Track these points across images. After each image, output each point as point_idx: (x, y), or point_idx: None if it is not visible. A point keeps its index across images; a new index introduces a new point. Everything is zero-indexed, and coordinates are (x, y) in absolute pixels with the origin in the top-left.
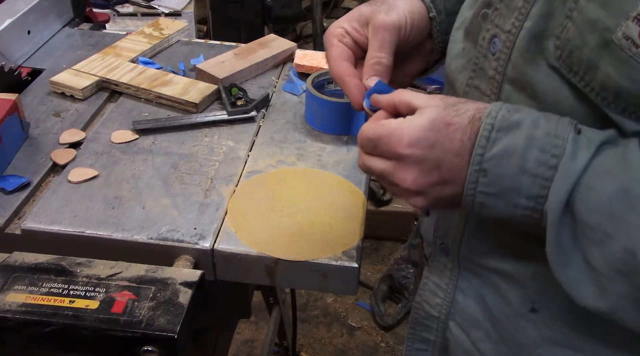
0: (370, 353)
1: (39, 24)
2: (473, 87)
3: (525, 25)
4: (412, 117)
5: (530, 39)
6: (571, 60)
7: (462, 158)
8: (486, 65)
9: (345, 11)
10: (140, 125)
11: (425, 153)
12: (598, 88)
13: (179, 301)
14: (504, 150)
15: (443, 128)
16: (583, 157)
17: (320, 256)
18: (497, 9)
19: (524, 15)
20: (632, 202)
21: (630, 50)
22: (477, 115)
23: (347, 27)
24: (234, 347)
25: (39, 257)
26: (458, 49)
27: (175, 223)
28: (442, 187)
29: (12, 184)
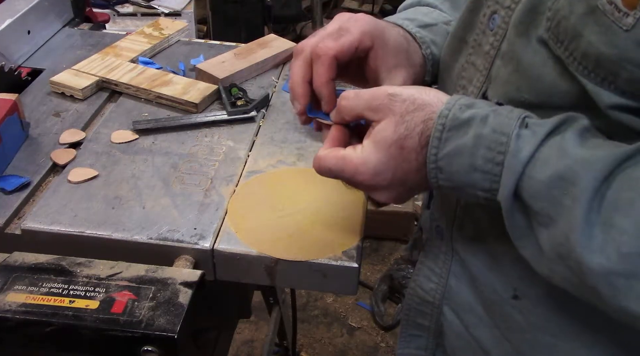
0: (370, 353)
1: (39, 24)
2: (470, 63)
3: (523, 0)
4: (365, 150)
5: (526, 12)
6: (558, 30)
7: (422, 172)
8: (484, 41)
9: (345, 11)
10: (140, 125)
11: (389, 179)
12: (580, 57)
13: (179, 301)
14: (454, 150)
15: (398, 154)
16: (526, 152)
17: (320, 256)
18: None
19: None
20: (565, 187)
21: (613, 15)
22: (426, 127)
23: None
24: (234, 347)
25: (39, 257)
26: (453, 31)
27: (175, 223)
28: (410, 192)
29: (12, 184)
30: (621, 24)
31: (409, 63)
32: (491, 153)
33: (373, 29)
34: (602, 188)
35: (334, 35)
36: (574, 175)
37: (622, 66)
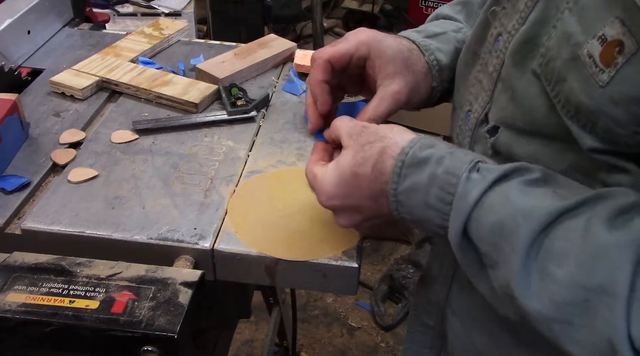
0: (370, 353)
1: (39, 24)
2: (477, 80)
3: (521, 29)
4: (327, 172)
5: (522, 43)
6: (547, 69)
7: (376, 200)
8: (489, 61)
9: (344, 11)
10: (140, 125)
11: (343, 203)
12: (564, 100)
13: (179, 301)
14: (411, 186)
15: (351, 180)
16: (473, 195)
17: (320, 256)
18: (505, 8)
19: (523, 19)
20: (506, 234)
21: (591, 68)
22: (380, 159)
23: None
24: (234, 347)
25: (39, 257)
26: (468, 42)
27: (175, 223)
28: (370, 221)
29: (12, 184)
30: (597, 79)
31: (408, 71)
32: (442, 193)
33: (371, 39)
34: (540, 238)
35: (333, 43)
36: (515, 224)
37: (599, 118)
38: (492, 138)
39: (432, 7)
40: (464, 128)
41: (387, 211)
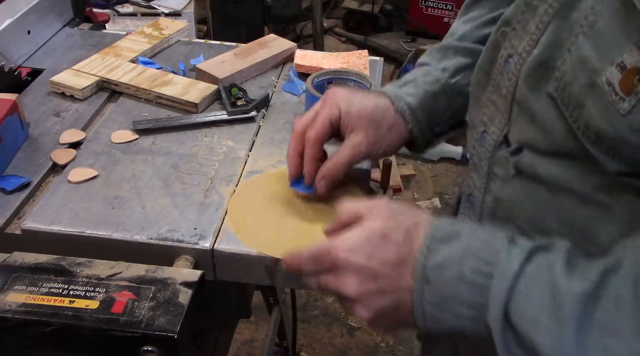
0: (370, 353)
1: (39, 24)
2: (491, 101)
3: (534, 52)
4: (351, 231)
5: (536, 66)
6: (564, 94)
7: (399, 269)
8: (501, 83)
9: (344, 11)
10: (140, 125)
11: (363, 263)
12: (583, 126)
13: (179, 301)
14: (443, 260)
15: (379, 241)
16: (515, 262)
17: None
18: (515, 29)
19: (535, 42)
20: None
21: (611, 96)
22: (413, 228)
23: None
24: (234, 347)
25: (39, 257)
26: (480, 62)
27: (175, 223)
28: (381, 297)
29: (12, 184)
30: (618, 107)
31: (371, 126)
32: (479, 263)
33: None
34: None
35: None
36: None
37: (622, 145)
38: (516, 158)
39: (432, 7)
40: (480, 149)
41: (405, 284)
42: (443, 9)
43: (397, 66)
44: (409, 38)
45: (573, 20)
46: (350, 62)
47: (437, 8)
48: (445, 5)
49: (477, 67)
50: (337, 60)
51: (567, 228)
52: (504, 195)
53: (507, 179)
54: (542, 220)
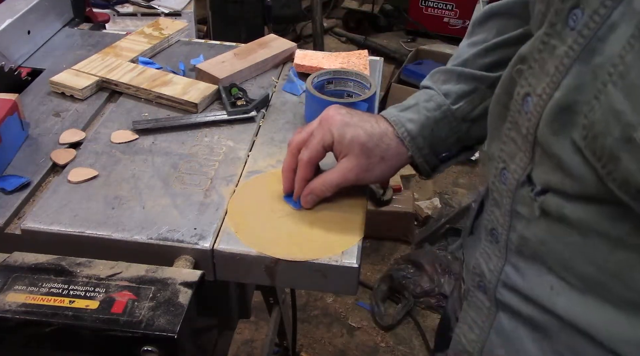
0: (370, 353)
1: (39, 24)
2: (510, 138)
3: (555, 95)
4: None
5: (559, 111)
6: (595, 145)
7: None
8: (520, 121)
9: (344, 11)
10: (140, 125)
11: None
12: (620, 180)
13: (179, 301)
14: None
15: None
16: None
17: (320, 256)
18: (532, 68)
19: (555, 84)
20: None
21: None
22: None
23: None
24: (234, 347)
25: (39, 257)
26: (497, 93)
27: (175, 223)
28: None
29: (12, 184)
30: None
31: (363, 154)
32: None
33: (337, 128)
34: None
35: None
36: None
37: None
38: (541, 199)
39: (432, 7)
40: (501, 186)
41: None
42: (443, 9)
43: (397, 66)
44: (409, 38)
45: (597, 64)
46: (350, 62)
47: (437, 8)
48: (445, 5)
49: (495, 99)
50: (337, 60)
51: (601, 272)
52: (530, 235)
53: (533, 219)
54: (573, 263)
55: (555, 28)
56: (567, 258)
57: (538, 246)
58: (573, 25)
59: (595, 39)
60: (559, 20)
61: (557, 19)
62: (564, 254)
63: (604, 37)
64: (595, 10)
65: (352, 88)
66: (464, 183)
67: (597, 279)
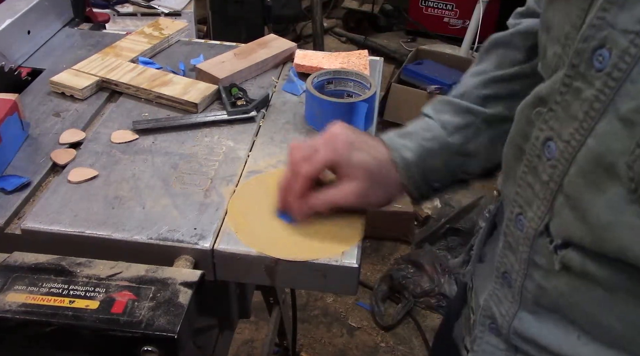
0: (370, 353)
1: (39, 24)
2: (526, 183)
3: (589, 142)
4: None
5: (596, 161)
6: None
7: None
8: (540, 168)
9: (344, 11)
10: (140, 125)
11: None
12: None
13: (179, 302)
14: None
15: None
16: None
17: (320, 256)
18: (553, 111)
19: (587, 131)
20: None
21: None
22: None
23: None
24: (234, 347)
25: (39, 257)
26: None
27: (175, 223)
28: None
29: (12, 184)
30: None
31: (365, 178)
32: None
33: (342, 149)
34: None
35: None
36: None
37: None
38: (561, 255)
39: (432, 7)
40: (516, 233)
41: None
42: (443, 9)
43: (397, 66)
44: (409, 38)
45: (632, 109)
46: (350, 62)
47: (437, 8)
48: (445, 5)
49: (510, 140)
50: (337, 60)
51: (630, 327)
52: (549, 286)
53: (552, 271)
54: (599, 318)
55: (578, 69)
56: (593, 314)
57: (559, 298)
58: (600, 66)
59: (628, 81)
60: (581, 61)
61: (580, 60)
62: (589, 310)
63: (637, 78)
64: (625, 49)
65: (352, 88)
66: None
67: (626, 334)
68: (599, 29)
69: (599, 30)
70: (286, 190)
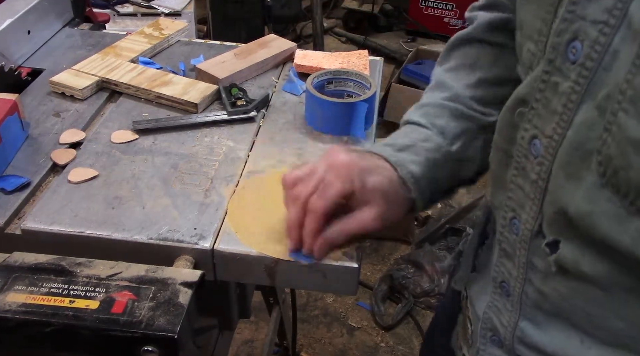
0: (370, 353)
1: (39, 24)
2: (517, 185)
3: (568, 135)
4: None
5: (573, 151)
6: (617, 181)
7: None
8: (528, 167)
9: (344, 11)
10: (140, 125)
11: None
12: None
13: (179, 302)
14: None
15: None
16: None
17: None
18: (534, 109)
19: (567, 123)
20: None
21: None
22: None
23: None
24: (234, 347)
25: (39, 257)
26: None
27: (175, 223)
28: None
29: (12, 184)
30: None
31: (385, 202)
32: None
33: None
34: None
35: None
36: None
37: None
38: (554, 256)
39: (432, 7)
40: (512, 237)
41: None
42: (443, 9)
43: (397, 66)
44: (409, 38)
45: (605, 96)
46: (350, 62)
47: (437, 8)
48: (445, 5)
49: (495, 147)
50: (337, 60)
51: (633, 326)
52: (548, 290)
53: (550, 273)
54: (601, 319)
55: (555, 64)
56: (595, 315)
57: (559, 301)
58: (573, 58)
59: (600, 69)
60: (557, 56)
61: (555, 54)
62: (590, 311)
63: (608, 66)
64: (595, 39)
65: (352, 88)
66: None
67: (629, 333)
68: (571, 22)
69: (571, 23)
70: (298, 228)
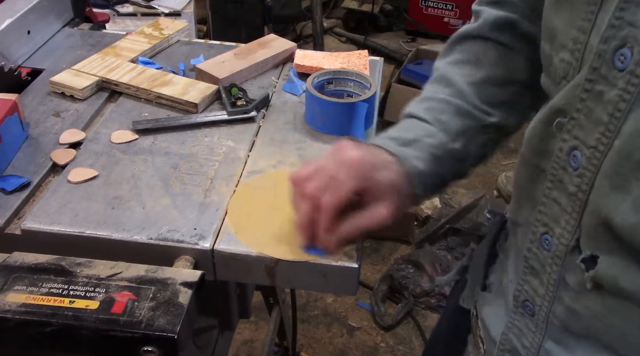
0: (370, 353)
1: (39, 24)
2: (551, 199)
3: (615, 144)
4: None
5: (621, 161)
6: None
7: None
8: (566, 179)
9: (344, 11)
10: (140, 125)
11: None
12: None
13: (179, 302)
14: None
15: None
16: None
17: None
18: (575, 119)
19: (613, 133)
20: None
21: None
22: None
23: None
24: (234, 347)
25: (39, 257)
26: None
27: (175, 223)
28: None
29: (12, 184)
30: None
31: (397, 196)
32: None
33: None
34: None
35: (331, 189)
36: None
37: None
38: (592, 272)
39: (432, 7)
40: (542, 253)
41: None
42: (443, 9)
43: (397, 66)
44: (409, 38)
45: None
46: (350, 62)
47: (437, 8)
48: (445, 5)
49: (523, 162)
50: (337, 60)
51: None
52: (580, 308)
53: (584, 291)
54: (636, 339)
55: (599, 72)
56: (631, 335)
57: (591, 321)
58: (621, 66)
59: None
60: (602, 63)
61: (600, 62)
62: (626, 330)
63: None
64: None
65: (352, 88)
66: (463, 183)
67: None
68: (619, 29)
69: (619, 29)
70: (310, 226)
